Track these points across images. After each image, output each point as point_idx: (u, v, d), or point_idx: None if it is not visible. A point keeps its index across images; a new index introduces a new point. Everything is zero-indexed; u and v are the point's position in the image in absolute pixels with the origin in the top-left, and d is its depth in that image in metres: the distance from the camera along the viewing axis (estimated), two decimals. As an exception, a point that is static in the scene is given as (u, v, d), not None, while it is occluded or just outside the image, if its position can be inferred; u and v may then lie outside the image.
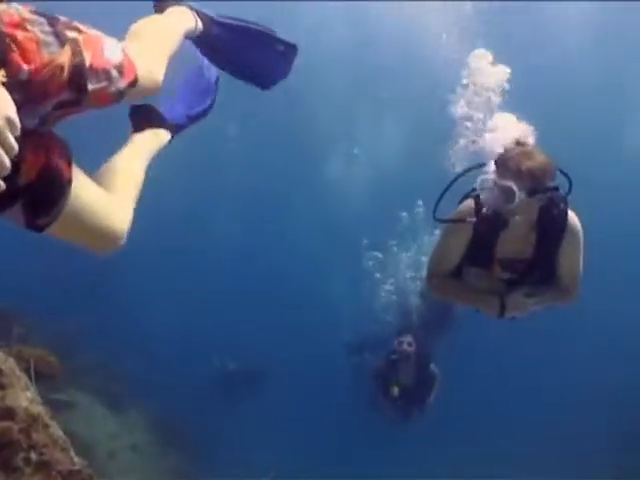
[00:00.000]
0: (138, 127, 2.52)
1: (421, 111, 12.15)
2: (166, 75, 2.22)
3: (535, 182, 3.29)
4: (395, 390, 8.31)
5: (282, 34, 2.85)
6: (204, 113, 2.81)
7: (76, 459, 3.10)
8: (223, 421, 12.00)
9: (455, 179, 3.67)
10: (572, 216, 3.52)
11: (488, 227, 3.45)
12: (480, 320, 4.09)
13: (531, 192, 3.29)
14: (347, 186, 15.50)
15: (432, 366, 8.59)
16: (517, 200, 3.25)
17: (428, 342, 8.86)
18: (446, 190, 3.66)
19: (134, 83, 1.91)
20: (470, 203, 3.56)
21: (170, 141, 2.63)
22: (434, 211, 3.65)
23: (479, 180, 3.41)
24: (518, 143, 3.42)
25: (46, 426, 3.08)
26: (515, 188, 3.24)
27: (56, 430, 3.13)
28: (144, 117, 2.54)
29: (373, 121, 15.65)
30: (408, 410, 8.67)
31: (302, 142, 15.34)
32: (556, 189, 3.39)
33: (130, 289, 14.24)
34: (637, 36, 14.21)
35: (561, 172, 3.45)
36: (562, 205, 3.45)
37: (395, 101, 14.50)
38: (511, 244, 3.56)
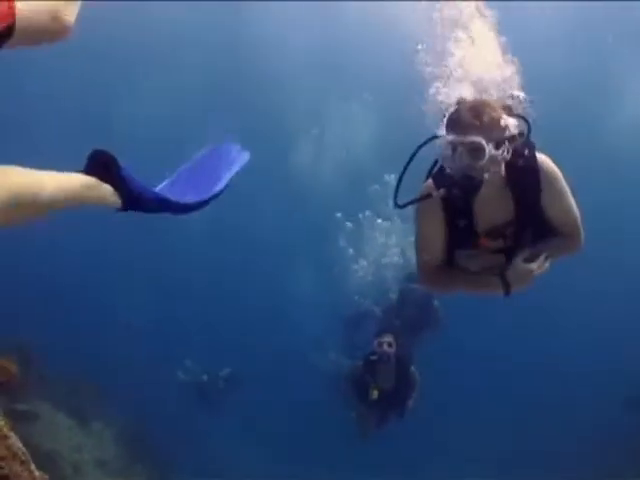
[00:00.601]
0: (88, 170, 2.19)
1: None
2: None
3: (500, 131, 2.99)
4: (374, 393, 7.96)
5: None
6: (175, 207, 2.42)
7: (37, 473, 2.86)
8: (192, 433, 11.91)
9: (411, 158, 3.26)
10: (543, 159, 3.19)
11: (458, 197, 3.09)
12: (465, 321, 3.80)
13: (498, 143, 2.98)
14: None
15: (412, 368, 8.26)
16: (487, 154, 2.94)
17: (409, 343, 8.60)
18: (404, 172, 3.29)
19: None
20: (430, 182, 3.24)
21: (120, 209, 2.27)
22: (395, 197, 3.27)
23: (440, 146, 3.06)
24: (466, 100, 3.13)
25: (4, 437, 2.83)
26: (483, 141, 2.93)
27: (16, 442, 2.88)
28: (101, 164, 2.20)
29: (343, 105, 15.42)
30: (386, 415, 8.33)
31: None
32: (522, 135, 3.08)
33: (98, 300, 13.95)
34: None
35: (518, 116, 3.15)
36: (527, 151, 3.12)
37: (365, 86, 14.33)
38: (489, 209, 3.23)
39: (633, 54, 14.37)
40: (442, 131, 3.05)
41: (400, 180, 3.31)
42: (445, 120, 3.07)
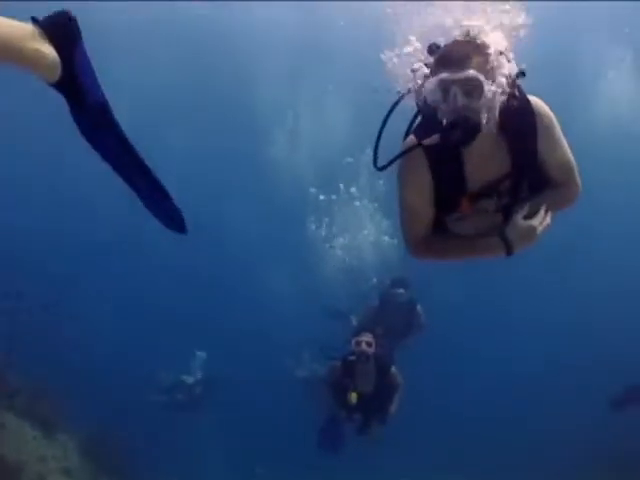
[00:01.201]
0: (42, 24, 1.84)
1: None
2: None
3: (497, 68, 2.65)
4: (353, 397, 7.47)
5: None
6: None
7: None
8: (160, 444, 11.47)
9: (388, 114, 2.92)
10: (537, 101, 2.85)
11: (449, 148, 2.73)
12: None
13: (494, 80, 2.63)
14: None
15: (393, 369, 7.70)
16: (486, 91, 2.58)
17: (389, 342, 8.18)
18: (381, 130, 2.92)
19: None
20: (412, 137, 2.88)
21: (53, 83, 1.91)
22: (375, 158, 2.92)
23: (428, 89, 2.66)
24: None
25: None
26: (481, 76, 2.56)
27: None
28: (60, 25, 1.86)
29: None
30: (367, 421, 7.81)
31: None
32: (523, 74, 2.74)
33: (63, 307, 13.55)
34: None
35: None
36: (518, 92, 2.77)
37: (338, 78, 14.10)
38: (482, 163, 2.87)
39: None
40: (427, 85, 2.67)
41: (378, 139, 2.94)
42: (434, 59, 2.70)
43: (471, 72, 2.57)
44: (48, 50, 1.83)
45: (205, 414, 12.03)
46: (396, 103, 2.91)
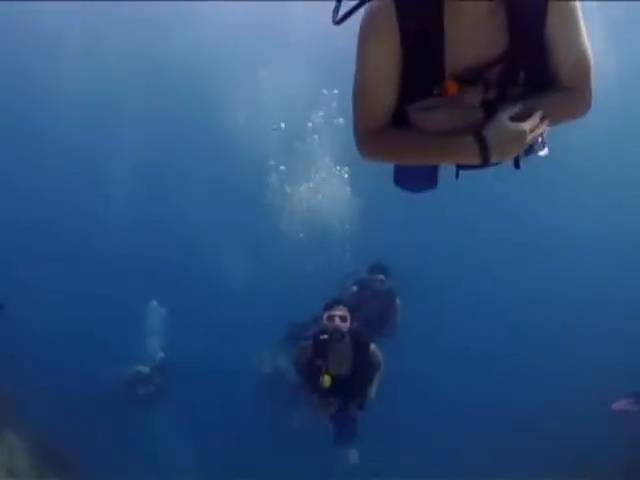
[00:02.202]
0: None
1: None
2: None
3: None
4: (326, 380, 6.37)
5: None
6: None
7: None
8: (111, 444, 10.82)
9: None
10: None
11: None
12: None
13: None
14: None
15: (373, 347, 6.63)
16: None
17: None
18: None
19: None
20: None
21: None
22: (335, 10, 2.23)
23: None
24: None
25: None
26: None
27: None
28: None
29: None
30: (345, 406, 6.72)
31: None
32: None
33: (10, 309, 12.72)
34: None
35: None
36: None
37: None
38: (469, 38, 2.11)
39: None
40: None
41: None
42: None
43: None
44: None
45: (164, 409, 11.31)
46: None
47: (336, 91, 11.92)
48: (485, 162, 2.11)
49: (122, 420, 11.10)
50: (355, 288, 8.68)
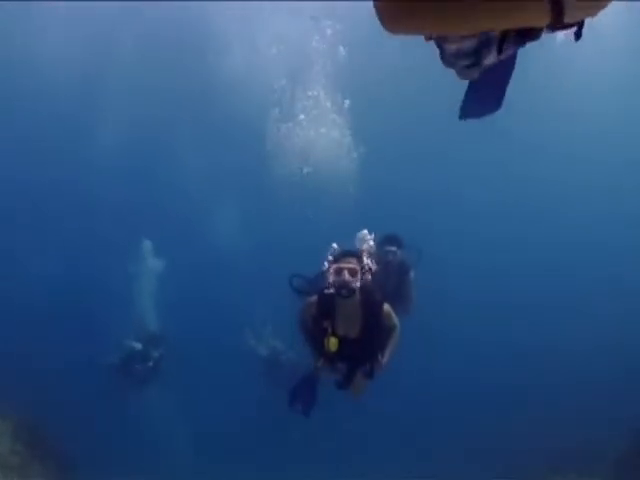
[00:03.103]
0: None
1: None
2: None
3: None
4: (332, 343, 5.55)
5: None
6: None
7: None
8: (94, 431, 10.72)
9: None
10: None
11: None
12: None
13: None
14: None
15: (386, 308, 5.77)
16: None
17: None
18: None
19: None
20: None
21: None
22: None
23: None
24: None
25: None
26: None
27: None
28: None
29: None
30: (353, 372, 5.86)
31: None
32: None
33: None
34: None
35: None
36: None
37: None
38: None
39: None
40: None
41: None
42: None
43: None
44: None
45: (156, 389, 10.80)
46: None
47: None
48: (557, 24, 1.49)
49: (113, 401, 10.67)
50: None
